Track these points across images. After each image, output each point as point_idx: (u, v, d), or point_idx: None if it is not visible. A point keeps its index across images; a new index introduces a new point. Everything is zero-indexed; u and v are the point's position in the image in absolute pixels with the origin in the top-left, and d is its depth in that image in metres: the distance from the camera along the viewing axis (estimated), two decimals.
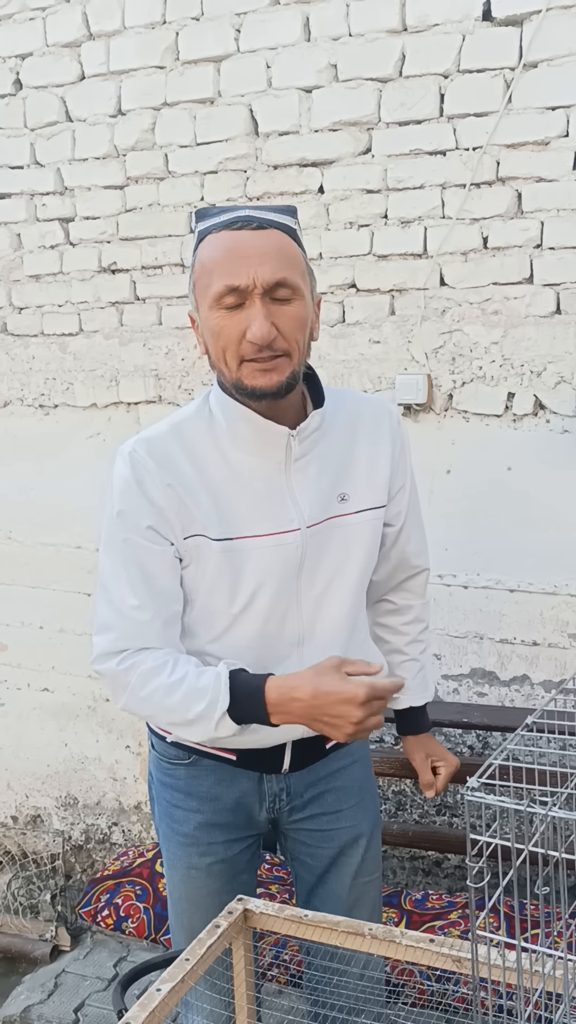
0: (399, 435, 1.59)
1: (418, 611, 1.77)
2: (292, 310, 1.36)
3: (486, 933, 0.94)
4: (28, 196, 2.98)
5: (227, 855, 1.61)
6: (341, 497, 1.51)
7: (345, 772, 1.65)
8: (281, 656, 1.51)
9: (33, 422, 3.11)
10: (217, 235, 1.36)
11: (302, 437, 1.45)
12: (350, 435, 1.53)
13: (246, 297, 1.33)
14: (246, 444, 1.45)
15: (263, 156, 2.64)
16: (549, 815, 0.82)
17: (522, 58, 2.32)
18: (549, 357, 2.41)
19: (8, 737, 3.30)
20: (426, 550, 1.74)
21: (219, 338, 1.36)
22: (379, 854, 1.74)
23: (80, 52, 2.83)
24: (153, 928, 2.43)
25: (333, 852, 1.65)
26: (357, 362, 2.62)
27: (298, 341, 1.38)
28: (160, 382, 2.89)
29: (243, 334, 1.34)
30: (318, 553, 1.49)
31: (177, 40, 2.69)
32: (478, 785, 0.84)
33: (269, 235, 1.35)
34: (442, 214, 2.47)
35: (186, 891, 1.64)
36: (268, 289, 1.33)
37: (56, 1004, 2.67)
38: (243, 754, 1.56)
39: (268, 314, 1.33)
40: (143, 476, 1.42)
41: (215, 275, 1.34)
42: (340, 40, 2.50)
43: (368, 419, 1.56)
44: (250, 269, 1.32)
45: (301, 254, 1.40)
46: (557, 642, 2.51)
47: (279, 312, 1.35)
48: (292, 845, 1.69)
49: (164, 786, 1.65)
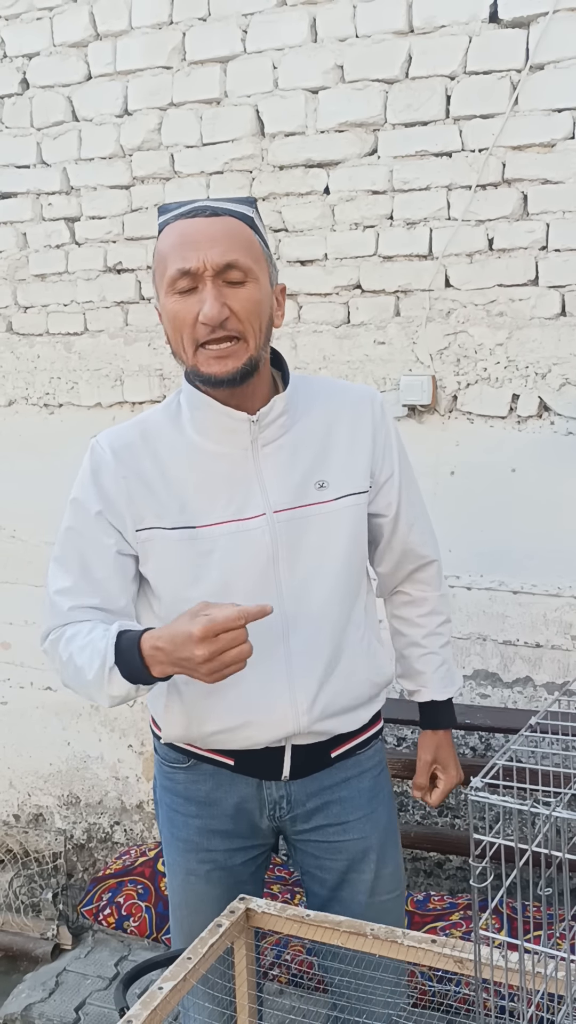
0: (383, 423, 1.57)
1: (434, 603, 1.73)
2: (245, 292, 1.37)
3: (488, 933, 0.94)
4: (34, 195, 2.99)
5: (227, 863, 1.59)
6: (319, 484, 1.49)
7: (351, 783, 1.60)
8: (268, 650, 1.47)
9: (38, 421, 3.11)
10: (172, 225, 1.39)
11: (264, 423, 1.45)
12: (328, 422, 1.52)
13: (199, 280, 1.35)
14: (209, 432, 1.46)
15: (269, 157, 2.65)
16: (552, 816, 0.82)
17: (528, 60, 2.32)
18: (554, 359, 2.41)
19: (11, 735, 3.30)
20: (433, 541, 1.71)
21: (174, 322, 1.39)
22: (398, 871, 1.67)
23: (87, 52, 2.84)
24: (155, 927, 2.43)
25: (342, 866, 1.60)
26: (362, 363, 2.62)
27: (253, 324, 1.38)
28: (164, 382, 2.89)
29: (197, 316, 1.35)
30: (295, 541, 1.47)
31: (184, 40, 2.69)
32: (482, 785, 0.84)
33: (222, 221, 1.37)
34: (448, 215, 2.47)
35: (185, 897, 1.63)
36: (219, 271, 1.35)
37: (57, 1003, 2.67)
38: (241, 759, 1.54)
39: (219, 295, 1.35)
40: (99, 467, 1.48)
41: (168, 261, 1.37)
42: (347, 41, 2.50)
43: (348, 406, 1.55)
44: (200, 252, 1.34)
45: (258, 240, 1.41)
46: (560, 644, 2.51)
47: (232, 294, 1.36)
48: (301, 858, 1.65)
49: (165, 790, 1.65)
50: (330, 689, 1.52)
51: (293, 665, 1.49)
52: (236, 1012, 1.36)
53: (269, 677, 1.48)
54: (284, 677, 1.49)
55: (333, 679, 1.52)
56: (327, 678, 1.51)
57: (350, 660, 1.55)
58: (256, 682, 1.47)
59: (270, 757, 1.54)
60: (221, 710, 1.50)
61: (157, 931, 2.43)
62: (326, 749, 1.57)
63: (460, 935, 2.16)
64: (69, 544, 1.49)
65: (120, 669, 1.33)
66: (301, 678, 1.49)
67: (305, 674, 1.49)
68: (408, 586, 1.73)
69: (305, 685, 1.49)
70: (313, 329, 2.67)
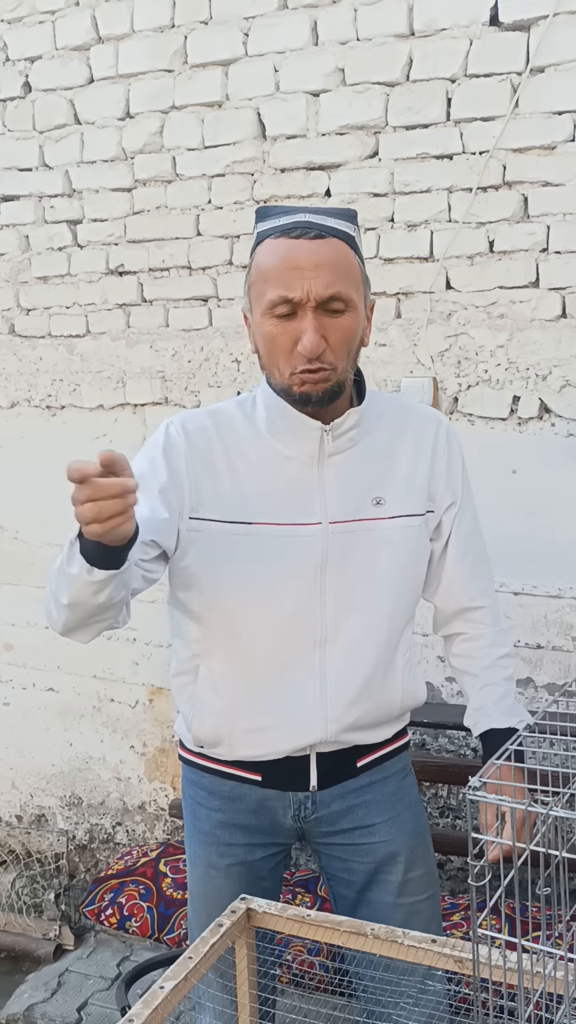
0: (447, 448, 1.56)
1: (492, 637, 1.65)
2: (344, 322, 1.37)
3: (488, 932, 0.94)
4: (36, 198, 3.00)
5: (247, 858, 1.60)
6: (376, 500, 1.49)
7: (376, 786, 1.60)
8: (302, 655, 1.49)
9: (40, 423, 3.12)
10: (275, 240, 1.37)
11: (336, 433, 1.45)
12: (394, 440, 1.53)
13: (299, 308, 1.35)
14: (280, 435, 1.46)
15: (270, 159, 2.65)
16: (551, 815, 0.83)
17: (529, 63, 2.33)
18: (555, 361, 2.42)
19: (13, 736, 3.31)
20: (487, 584, 1.66)
21: (271, 345, 1.39)
22: (429, 874, 1.65)
23: (89, 55, 2.85)
24: (156, 927, 2.43)
25: (370, 868, 1.59)
26: (363, 365, 2.58)
27: (346, 352, 1.39)
28: (167, 384, 2.90)
29: (294, 343, 1.36)
30: (346, 552, 1.48)
31: (185, 44, 2.70)
32: (480, 785, 0.84)
33: (327, 245, 1.35)
34: (448, 218, 2.48)
35: (204, 889, 1.63)
36: (321, 303, 1.34)
37: (59, 1003, 2.68)
38: (268, 773, 1.54)
39: (319, 327, 1.35)
40: (171, 445, 1.47)
41: (270, 283, 1.36)
42: (348, 44, 2.51)
43: (414, 426, 1.55)
44: (305, 282, 1.33)
45: (358, 262, 1.40)
46: (561, 645, 2.51)
47: (331, 325, 1.36)
48: (327, 862, 1.65)
49: (190, 782, 1.65)
50: (364, 706, 1.53)
51: (328, 675, 1.50)
52: (238, 1012, 1.36)
53: (302, 682, 1.49)
54: (318, 685, 1.50)
55: (369, 697, 1.53)
56: (363, 695, 1.52)
57: (391, 682, 1.55)
58: (290, 687, 1.49)
59: (296, 769, 1.54)
60: (254, 709, 1.51)
61: (159, 931, 2.44)
62: (352, 758, 1.57)
63: (461, 935, 2.16)
64: None
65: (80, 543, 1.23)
66: (335, 689, 1.50)
67: (339, 686, 1.50)
68: (460, 625, 1.67)
69: (338, 697, 1.50)
70: None
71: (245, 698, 1.51)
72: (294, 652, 1.49)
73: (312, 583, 1.47)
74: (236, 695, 1.52)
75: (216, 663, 1.53)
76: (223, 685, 1.52)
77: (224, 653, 1.52)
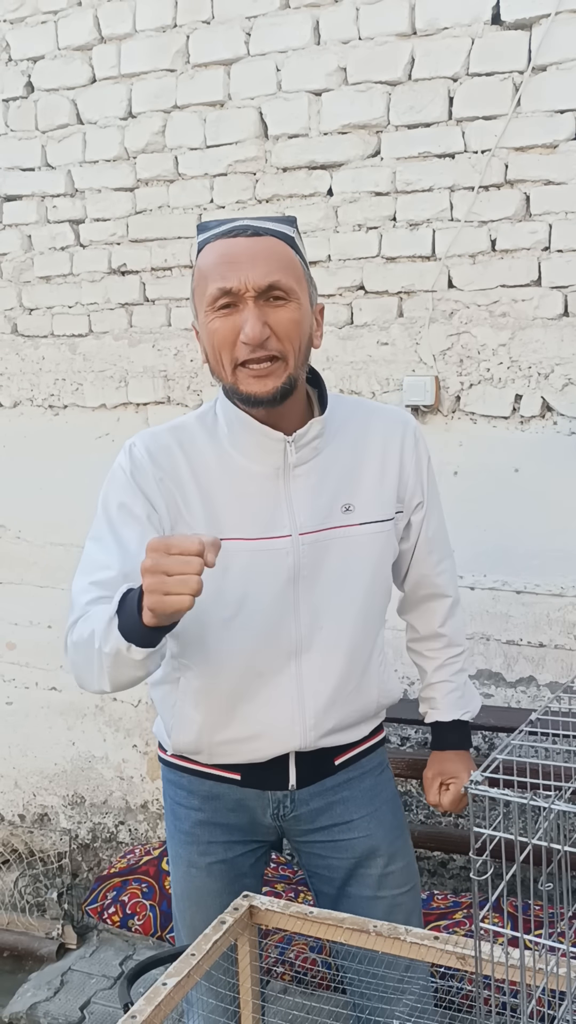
0: (415, 449, 1.57)
1: (450, 638, 1.73)
2: (286, 312, 1.37)
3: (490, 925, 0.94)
4: (39, 198, 3.00)
5: (227, 856, 1.61)
6: (346, 507, 1.49)
7: (353, 783, 1.62)
8: (277, 666, 1.50)
9: (43, 422, 3.12)
10: (214, 243, 1.39)
11: (299, 444, 1.45)
12: (359, 445, 1.52)
13: (240, 300, 1.35)
14: (244, 448, 1.46)
15: (272, 159, 2.66)
16: (553, 809, 0.83)
17: (531, 61, 2.33)
18: (557, 359, 2.42)
19: (16, 736, 3.31)
20: (451, 577, 1.72)
21: (214, 340, 1.38)
22: (409, 866, 1.67)
23: (91, 55, 2.85)
24: (159, 926, 2.43)
25: (349, 863, 1.61)
26: (365, 364, 2.63)
27: (293, 344, 1.38)
28: (169, 383, 2.90)
29: (237, 335, 1.35)
30: (317, 563, 1.48)
31: (187, 43, 2.70)
32: (482, 779, 0.85)
33: (263, 240, 1.37)
34: (450, 216, 2.48)
35: (187, 889, 1.65)
36: (261, 292, 1.34)
37: (62, 1002, 2.68)
38: (247, 774, 1.56)
39: (261, 315, 1.35)
40: (138, 469, 1.45)
41: (210, 280, 1.37)
42: (350, 43, 2.51)
43: (380, 429, 1.54)
44: (242, 272, 1.34)
45: (299, 260, 1.41)
46: (564, 643, 2.51)
47: (273, 314, 1.36)
48: (307, 860, 1.66)
49: (169, 783, 1.67)
50: (341, 711, 1.54)
51: (304, 684, 1.51)
52: (240, 1008, 1.36)
53: (280, 693, 1.50)
54: (295, 695, 1.51)
55: (344, 701, 1.55)
56: (338, 699, 1.53)
57: (365, 684, 1.58)
58: (268, 697, 1.50)
59: (275, 769, 1.55)
60: (233, 721, 1.52)
61: (161, 929, 2.44)
62: (329, 757, 1.59)
63: (464, 933, 2.16)
64: (105, 532, 1.44)
65: (119, 620, 1.25)
66: (311, 698, 1.51)
67: (316, 694, 1.51)
68: (417, 618, 1.74)
69: (315, 704, 1.52)
70: None
71: (223, 711, 1.52)
72: (270, 664, 1.50)
73: (285, 595, 1.47)
74: (214, 708, 1.52)
75: (194, 676, 1.53)
76: (201, 699, 1.53)
77: (201, 667, 1.52)
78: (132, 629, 1.24)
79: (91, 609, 1.35)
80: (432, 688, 1.73)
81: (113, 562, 1.39)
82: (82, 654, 1.34)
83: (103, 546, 1.43)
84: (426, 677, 1.75)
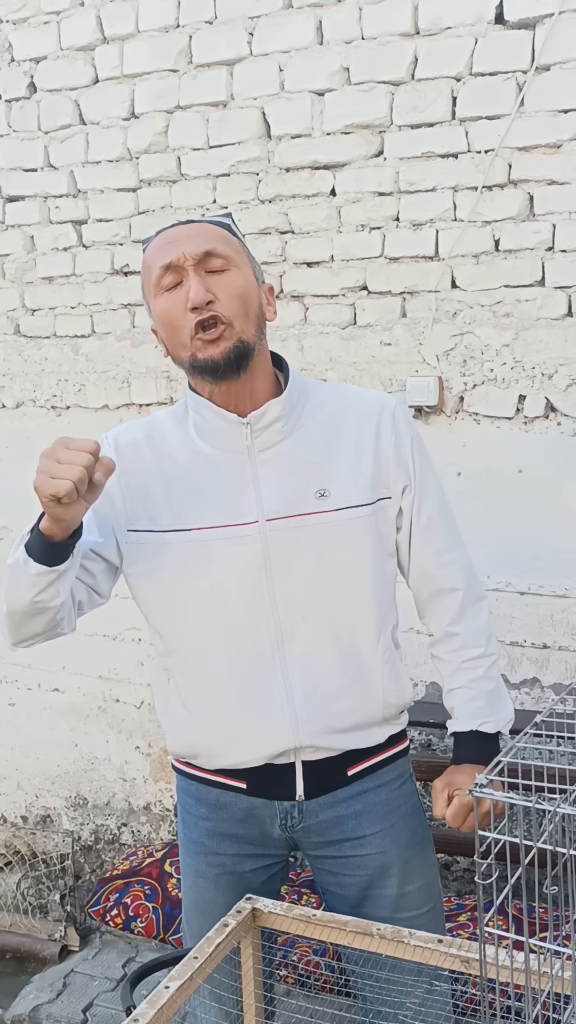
0: (394, 429, 1.50)
1: (465, 638, 1.57)
2: (226, 277, 1.40)
3: (495, 930, 0.94)
4: (41, 198, 3.00)
5: (236, 869, 1.56)
6: (320, 493, 1.45)
7: (368, 795, 1.54)
8: (262, 661, 1.46)
9: (45, 423, 3.12)
10: (154, 240, 1.46)
11: (259, 427, 1.43)
12: (334, 429, 1.48)
13: (182, 273, 1.39)
14: (206, 434, 1.47)
15: (275, 159, 2.65)
16: (558, 812, 0.82)
17: (534, 61, 2.32)
18: (560, 359, 2.41)
19: (18, 737, 3.31)
20: (459, 569, 1.58)
21: (166, 318, 1.41)
22: (429, 886, 1.59)
23: (94, 55, 2.85)
24: (162, 928, 2.43)
25: (362, 882, 1.54)
26: (368, 364, 2.63)
27: (238, 307, 1.39)
28: (171, 384, 2.90)
29: (184, 306, 1.38)
30: (288, 551, 1.43)
31: (190, 43, 2.70)
32: (486, 782, 0.84)
33: (198, 224, 1.44)
34: (454, 217, 2.47)
35: (195, 899, 1.62)
36: (199, 260, 1.39)
37: (65, 1004, 2.67)
38: (253, 781, 1.52)
39: (202, 281, 1.38)
40: None
41: (152, 265, 1.42)
42: (353, 43, 2.51)
43: (355, 414, 1.50)
44: (180, 247, 1.39)
45: (236, 240, 1.45)
46: (567, 645, 2.50)
47: (214, 280, 1.39)
48: (320, 876, 1.61)
49: (180, 789, 1.64)
50: (335, 707, 1.48)
51: (291, 678, 1.46)
52: (243, 1012, 1.36)
53: (266, 688, 1.46)
54: (283, 689, 1.46)
55: (340, 698, 1.48)
56: (332, 695, 1.47)
57: (366, 682, 1.50)
58: (254, 691, 1.46)
59: (282, 778, 1.50)
60: (222, 717, 1.49)
61: (164, 932, 2.44)
62: (341, 767, 1.52)
63: (467, 936, 2.15)
64: None
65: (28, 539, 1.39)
66: (300, 692, 1.46)
67: (305, 688, 1.46)
68: (428, 618, 1.62)
69: (305, 699, 1.46)
70: (319, 330, 2.68)
71: (212, 709, 1.49)
72: (253, 658, 1.46)
73: (258, 585, 1.44)
74: (203, 707, 1.50)
75: (181, 675, 1.51)
76: (190, 698, 1.51)
77: (186, 665, 1.50)
78: (34, 545, 1.38)
79: None
80: (450, 696, 1.59)
81: None
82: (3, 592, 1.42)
83: None
84: (444, 684, 1.61)
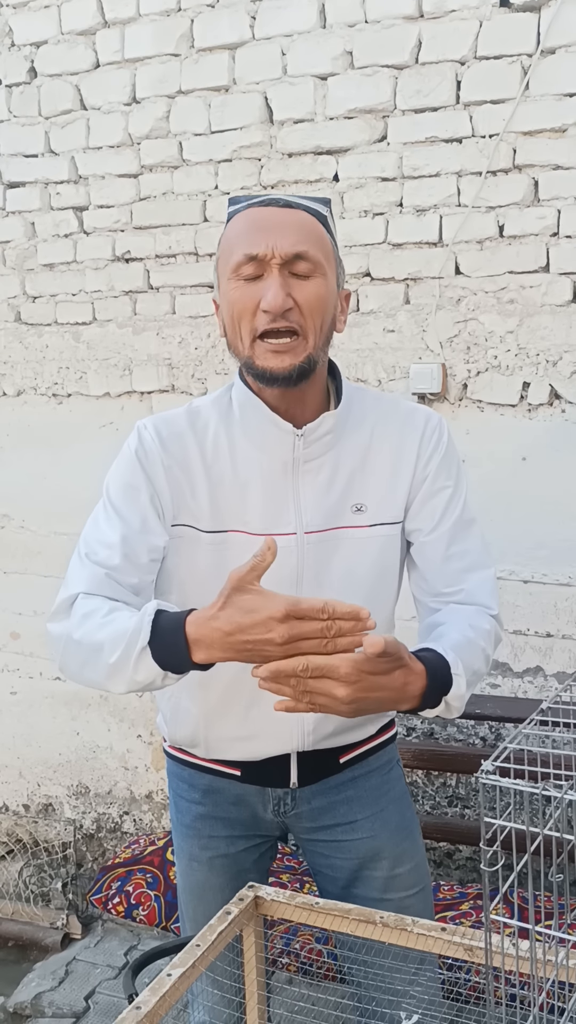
0: (431, 447, 1.46)
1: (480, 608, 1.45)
2: (311, 286, 1.30)
3: (500, 917, 0.93)
4: (42, 185, 2.98)
5: (229, 851, 1.57)
6: (356, 507, 1.42)
7: (359, 781, 1.56)
8: None
9: (47, 411, 3.11)
10: (244, 212, 1.34)
11: (310, 439, 1.39)
12: (373, 443, 1.44)
13: (265, 268, 1.29)
14: (254, 438, 1.40)
15: (278, 144, 2.63)
16: (565, 798, 0.81)
17: (539, 44, 2.30)
18: (565, 346, 2.39)
19: (20, 726, 3.31)
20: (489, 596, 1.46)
21: (234, 309, 1.32)
22: (418, 868, 1.59)
23: (95, 40, 2.82)
24: (164, 916, 2.43)
25: (353, 864, 1.55)
26: (371, 351, 2.61)
27: (315, 321, 1.31)
28: (173, 371, 2.88)
29: (258, 305, 1.29)
30: (322, 563, 1.41)
31: (192, 27, 2.68)
32: (492, 769, 0.83)
33: (295, 212, 1.31)
34: (458, 202, 2.46)
35: (189, 882, 1.63)
36: (287, 261, 1.29)
37: (67, 991, 2.68)
38: (247, 770, 1.52)
39: (284, 284, 1.29)
40: (146, 453, 1.40)
41: (236, 246, 1.31)
42: (356, 27, 2.49)
43: (395, 427, 1.46)
44: (271, 239, 1.28)
45: (329, 240, 1.36)
46: (571, 633, 2.49)
47: (297, 286, 1.30)
48: (311, 858, 1.63)
49: (172, 774, 1.64)
50: None
51: None
52: (245, 999, 1.36)
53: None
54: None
55: None
56: None
57: None
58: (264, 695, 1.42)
59: (276, 768, 1.51)
60: (229, 717, 1.48)
61: (166, 920, 2.43)
62: (334, 756, 1.54)
63: (470, 924, 2.15)
64: (111, 512, 1.40)
65: (152, 652, 1.22)
66: None
67: None
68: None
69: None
70: None
71: (220, 708, 1.48)
72: None
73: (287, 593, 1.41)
74: (211, 704, 1.48)
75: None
76: (199, 694, 1.49)
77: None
78: (171, 658, 1.22)
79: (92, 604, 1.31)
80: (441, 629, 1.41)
81: (114, 541, 1.36)
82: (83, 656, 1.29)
83: (105, 524, 1.40)
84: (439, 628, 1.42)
